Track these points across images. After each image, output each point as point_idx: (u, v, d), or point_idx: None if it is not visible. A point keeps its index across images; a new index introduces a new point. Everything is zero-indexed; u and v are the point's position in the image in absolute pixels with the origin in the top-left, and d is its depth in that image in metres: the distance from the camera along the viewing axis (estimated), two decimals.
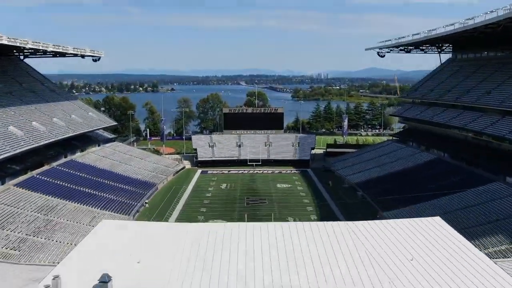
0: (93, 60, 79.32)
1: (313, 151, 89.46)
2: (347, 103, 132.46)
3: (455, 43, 72.94)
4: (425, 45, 77.74)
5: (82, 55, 73.94)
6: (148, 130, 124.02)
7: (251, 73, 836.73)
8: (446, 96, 71.80)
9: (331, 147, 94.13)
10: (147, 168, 74.27)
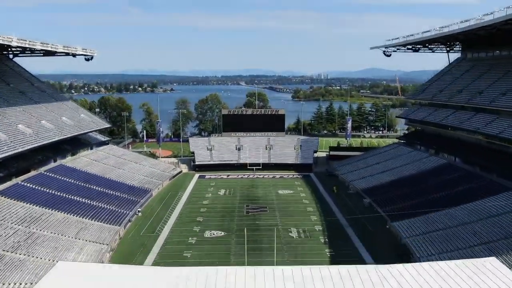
0: (85, 59, 75.64)
1: (316, 154, 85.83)
2: (350, 104, 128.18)
3: (466, 42, 69.23)
4: (434, 44, 74.02)
5: (73, 53, 70.22)
6: (144, 131, 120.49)
7: (251, 73, 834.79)
8: (457, 97, 68.14)
9: (334, 150, 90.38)
10: (141, 173, 70.59)
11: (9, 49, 67.95)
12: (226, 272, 18.83)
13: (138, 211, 54.35)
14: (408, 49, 76.27)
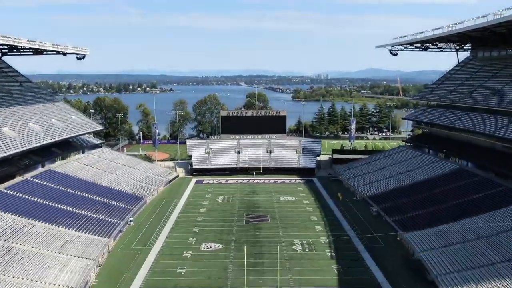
0: (77, 58, 71.82)
1: (318, 158, 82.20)
2: (353, 105, 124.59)
3: (478, 40, 65.54)
4: (444, 42, 70.31)
5: (63, 52, 66.57)
6: (141, 133, 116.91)
7: (250, 73, 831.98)
8: (468, 98, 64.61)
9: (337, 153, 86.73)
10: (135, 177, 67.02)
11: None
12: None
13: (130, 221, 50.76)
14: (416, 47, 72.59)
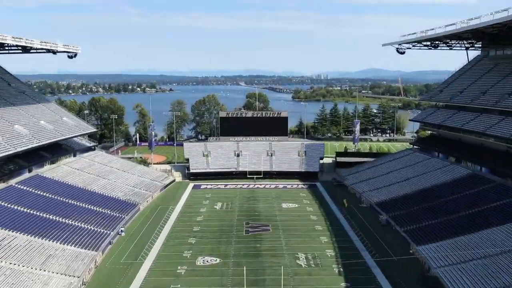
0: (68, 56, 68.30)
1: (321, 161, 78.65)
2: (356, 105, 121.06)
3: (491, 37, 61.94)
4: (455, 39, 66.70)
5: (53, 50, 63.17)
6: (137, 135, 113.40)
7: (250, 73, 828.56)
8: (481, 99, 61.12)
9: (341, 155, 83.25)
10: (129, 183, 63.53)
11: None
12: None
13: (121, 231, 47.24)
14: (425, 45, 69.00)
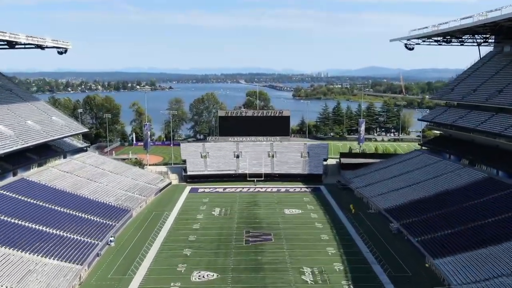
0: (58, 52, 64.68)
1: (325, 162, 74.97)
2: (361, 104, 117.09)
3: (509, 32, 58.07)
4: (469, 34, 62.85)
5: (41, 46, 59.46)
6: (134, 134, 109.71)
7: (250, 71, 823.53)
8: (496, 98, 57.44)
9: (345, 156, 79.60)
10: (122, 186, 59.89)
11: None
12: None
13: (111, 240, 43.58)
14: (435, 41, 65.20)
